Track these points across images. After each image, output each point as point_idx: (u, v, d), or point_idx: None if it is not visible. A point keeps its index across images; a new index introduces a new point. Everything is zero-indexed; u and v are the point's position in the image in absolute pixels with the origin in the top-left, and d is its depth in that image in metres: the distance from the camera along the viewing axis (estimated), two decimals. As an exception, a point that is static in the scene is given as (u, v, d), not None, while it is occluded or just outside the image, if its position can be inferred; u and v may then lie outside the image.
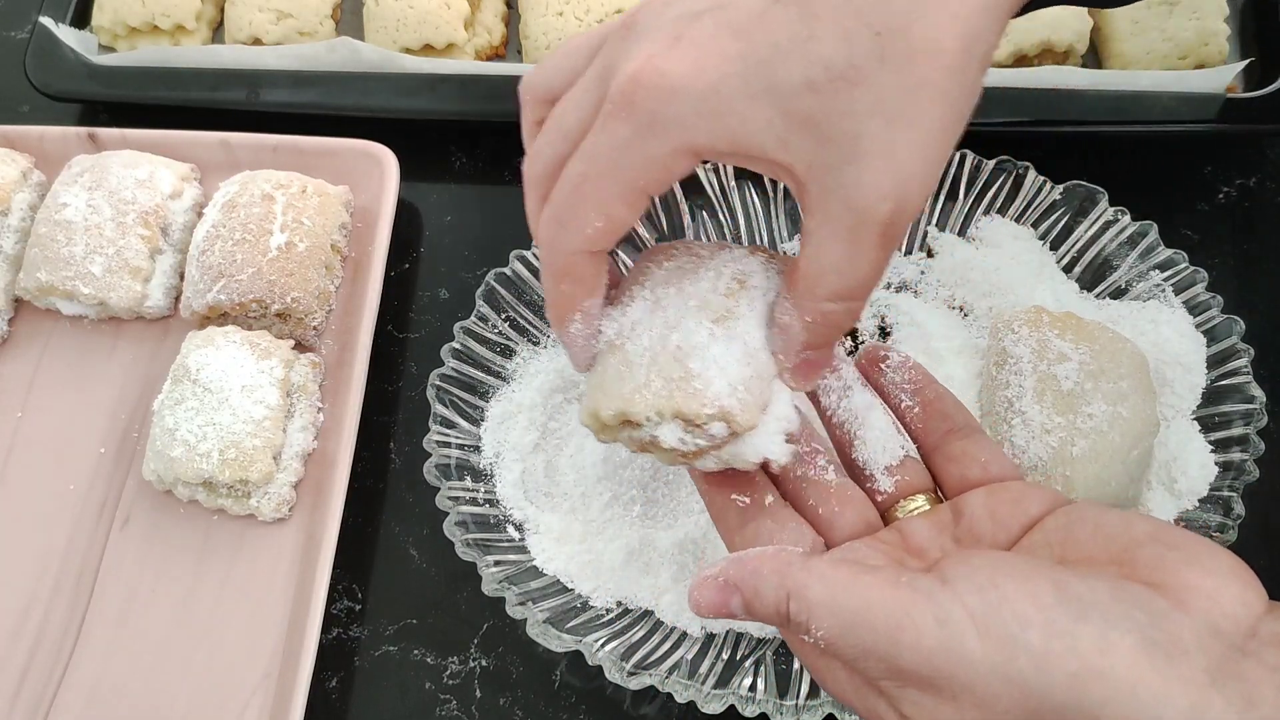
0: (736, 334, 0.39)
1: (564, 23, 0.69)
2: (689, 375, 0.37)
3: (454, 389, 0.55)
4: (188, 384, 0.57)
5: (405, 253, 0.67)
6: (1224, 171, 0.66)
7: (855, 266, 0.36)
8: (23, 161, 0.66)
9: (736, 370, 0.38)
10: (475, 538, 0.51)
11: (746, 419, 0.37)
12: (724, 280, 0.40)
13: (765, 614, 0.36)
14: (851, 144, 0.34)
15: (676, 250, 0.43)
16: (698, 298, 0.40)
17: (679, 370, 0.38)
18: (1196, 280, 0.55)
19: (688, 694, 0.47)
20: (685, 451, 0.39)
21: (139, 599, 0.58)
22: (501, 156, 0.70)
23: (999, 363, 0.52)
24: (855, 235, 0.35)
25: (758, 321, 0.40)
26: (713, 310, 0.39)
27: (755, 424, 0.38)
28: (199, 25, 0.73)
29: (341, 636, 0.57)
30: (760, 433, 0.38)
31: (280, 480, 0.58)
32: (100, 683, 0.56)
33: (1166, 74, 0.63)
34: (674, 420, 0.38)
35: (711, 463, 0.40)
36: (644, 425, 0.38)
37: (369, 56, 0.68)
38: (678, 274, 0.41)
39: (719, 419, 0.37)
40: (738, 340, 0.38)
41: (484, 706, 0.55)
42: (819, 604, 0.34)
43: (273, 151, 0.66)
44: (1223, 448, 0.52)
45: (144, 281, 0.63)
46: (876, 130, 0.34)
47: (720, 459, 0.39)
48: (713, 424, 0.37)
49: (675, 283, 0.41)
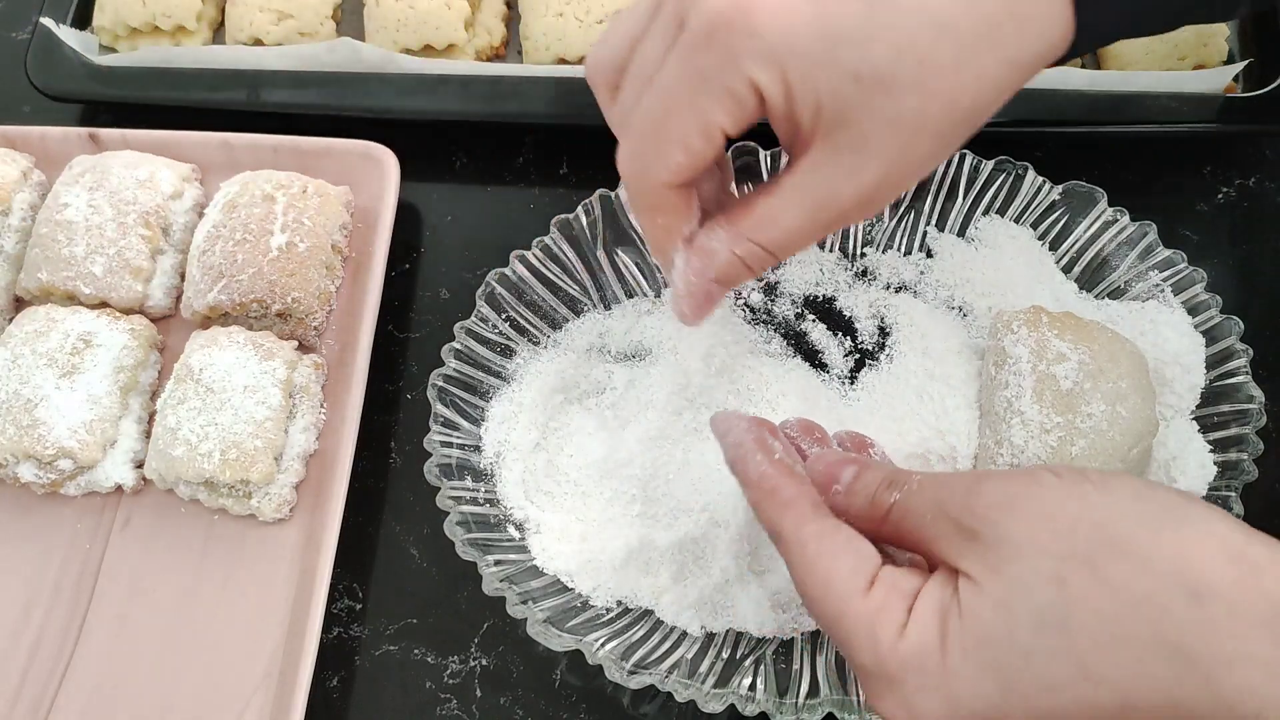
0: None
1: (564, 23, 0.69)
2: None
3: (454, 389, 0.55)
4: (190, 383, 0.57)
5: (406, 253, 0.67)
6: (1224, 171, 0.66)
7: (798, 236, 0.40)
8: (23, 161, 0.66)
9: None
10: (475, 537, 0.51)
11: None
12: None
13: (869, 479, 0.40)
14: (860, 139, 0.38)
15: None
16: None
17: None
18: (1195, 280, 0.55)
19: (688, 693, 0.47)
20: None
21: (139, 599, 0.58)
22: (501, 156, 0.70)
23: (998, 362, 0.52)
24: (814, 214, 0.39)
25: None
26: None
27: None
28: (200, 26, 0.73)
29: (342, 636, 0.57)
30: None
31: (281, 481, 0.58)
32: (100, 683, 0.56)
33: (1166, 74, 0.63)
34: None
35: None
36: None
37: (369, 57, 0.68)
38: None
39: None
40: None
41: (484, 706, 0.55)
42: (918, 478, 0.39)
43: (273, 152, 0.66)
44: (1222, 448, 0.52)
45: (145, 281, 0.63)
46: (885, 139, 0.38)
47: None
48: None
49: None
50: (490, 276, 0.57)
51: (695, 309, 0.44)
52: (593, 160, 0.69)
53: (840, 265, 0.61)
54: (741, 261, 0.41)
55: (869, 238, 0.61)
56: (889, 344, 0.59)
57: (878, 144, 0.38)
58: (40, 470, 0.58)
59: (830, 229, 0.40)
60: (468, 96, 0.67)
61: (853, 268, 0.61)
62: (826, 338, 0.59)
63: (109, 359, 0.59)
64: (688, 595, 0.52)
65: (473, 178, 0.70)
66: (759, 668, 0.49)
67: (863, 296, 0.60)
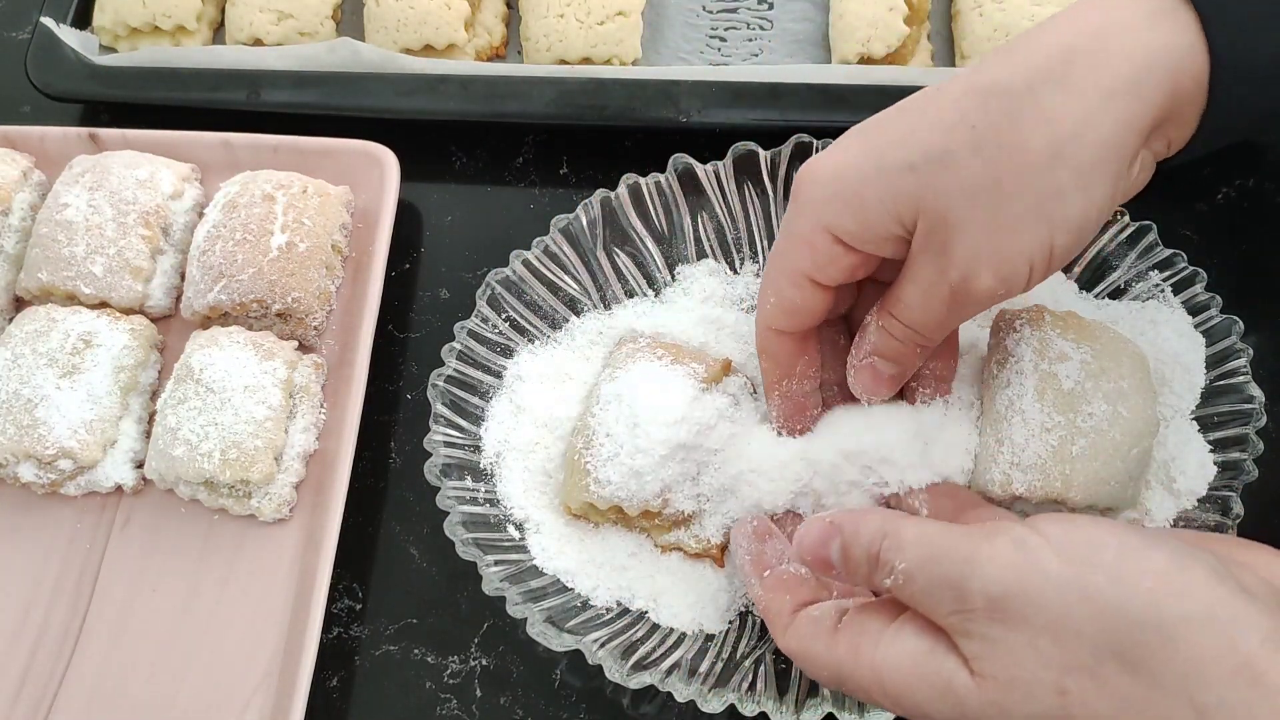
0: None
1: (565, 24, 0.69)
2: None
3: (454, 389, 0.55)
4: (190, 383, 0.57)
5: (406, 253, 0.67)
6: (1223, 171, 0.66)
7: (925, 311, 0.43)
8: (23, 161, 0.66)
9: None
10: (475, 537, 0.51)
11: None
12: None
13: (858, 556, 0.38)
14: (941, 218, 0.40)
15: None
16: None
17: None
18: (1196, 280, 0.55)
19: (687, 693, 0.47)
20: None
21: (139, 599, 0.58)
22: (501, 156, 0.70)
23: (1000, 361, 0.52)
24: (927, 290, 0.42)
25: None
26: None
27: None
28: (200, 26, 0.73)
29: (342, 636, 0.57)
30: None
31: (281, 481, 0.58)
32: (100, 683, 0.56)
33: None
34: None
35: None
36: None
37: (369, 57, 0.68)
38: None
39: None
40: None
41: (484, 705, 0.55)
42: (910, 541, 0.36)
43: (273, 152, 0.66)
44: (1222, 447, 0.52)
45: (145, 281, 0.63)
46: (961, 208, 0.39)
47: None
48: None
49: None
50: (490, 276, 0.57)
51: (865, 386, 0.47)
52: (593, 160, 0.69)
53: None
54: (885, 336, 0.45)
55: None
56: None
57: (956, 214, 0.40)
58: (40, 470, 0.58)
59: (953, 304, 0.42)
60: (468, 96, 0.67)
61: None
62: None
63: (109, 359, 0.59)
64: (687, 596, 0.52)
65: (473, 178, 0.70)
66: (759, 668, 0.49)
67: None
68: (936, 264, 0.41)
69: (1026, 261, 0.40)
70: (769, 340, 0.47)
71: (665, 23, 0.73)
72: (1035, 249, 0.40)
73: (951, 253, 0.40)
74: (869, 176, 0.41)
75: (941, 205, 0.40)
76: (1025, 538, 0.33)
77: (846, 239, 0.43)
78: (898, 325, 0.44)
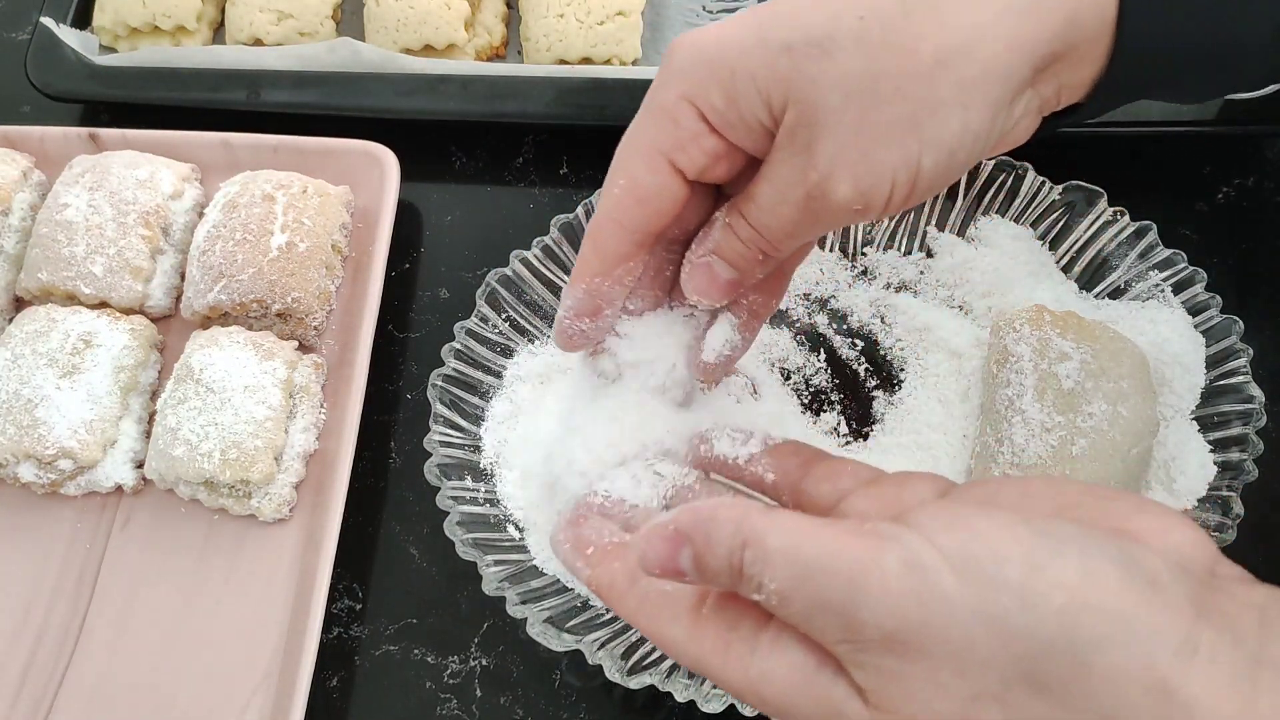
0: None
1: (565, 25, 0.69)
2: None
3: (454, 389, 0.55)
4: (190, 383, 0.57)
5: (405, 253, 0.67)
6: (1223, 171, 0.66)
7: (775, 215, 0.38)
8: (23, 161, 0.66)
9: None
10: (475, 537, 0.51)
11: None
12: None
13: (717, 567, 0.32)
14: (810, 110, 0.36)
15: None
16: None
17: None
18: (1195, 280, 0.55)
19: (688, 693, 0.47)
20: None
21: (139, 599, 0.58)
22: (501, 156, 0.70)
23: (1000, 361, 0.52)
24: (782, 190, 0.38)
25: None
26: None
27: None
28: (200, 26, 0.73)
29: (342, 636, 0.57)
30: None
31: (281, 481, 0.58)
32: (100, 682, 0.56)
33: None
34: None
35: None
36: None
37: (369, 57, 0.68)
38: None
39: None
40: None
41: (484, 706, 0.55)
42: (776, 551, 0.30)
43: (273, 152, 0.66)
44: (1222, 447, 0.52)
45: (145, 281, 0.63)
46: (832, 103, 0.36)
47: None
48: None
49: None
50: (490, 276, 0.57)
51: (698, 285, 0.42)
52: (593, 160, 0.69)
53: (840, 265, 0.61)
54: (732, 239, 0.40)
55: (869, 237, 0.61)
56: (888, 342, 0.59)
57: (828, 111, 0.35)
58: (40, 470, 0.58)
59: (807, 213, 0.38)
60: (468, 96, 0.67)
61: (853, 267, 0.61)
62: (832, 334, 0.60)
63: (109, 359, 0.59)
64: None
65: (473, 178, 0.70)
66: (759, 667, 0.49)
67: (863, 296, 0.60)
68: (796, 162, 0.37)
69: (890, 176, 0.36)
70: (605, 232, 0.41)
71: (665, 23, 0.73)
72: (901, 164, 0.36)
73: (814, 152, 0.36)
74: (746, 50, 0.37)
75: (812, 96, 0.36)
76: (918, 555, 0.29)
77: (711, 117, 0.38)
78: (744, 225, 0.39)
